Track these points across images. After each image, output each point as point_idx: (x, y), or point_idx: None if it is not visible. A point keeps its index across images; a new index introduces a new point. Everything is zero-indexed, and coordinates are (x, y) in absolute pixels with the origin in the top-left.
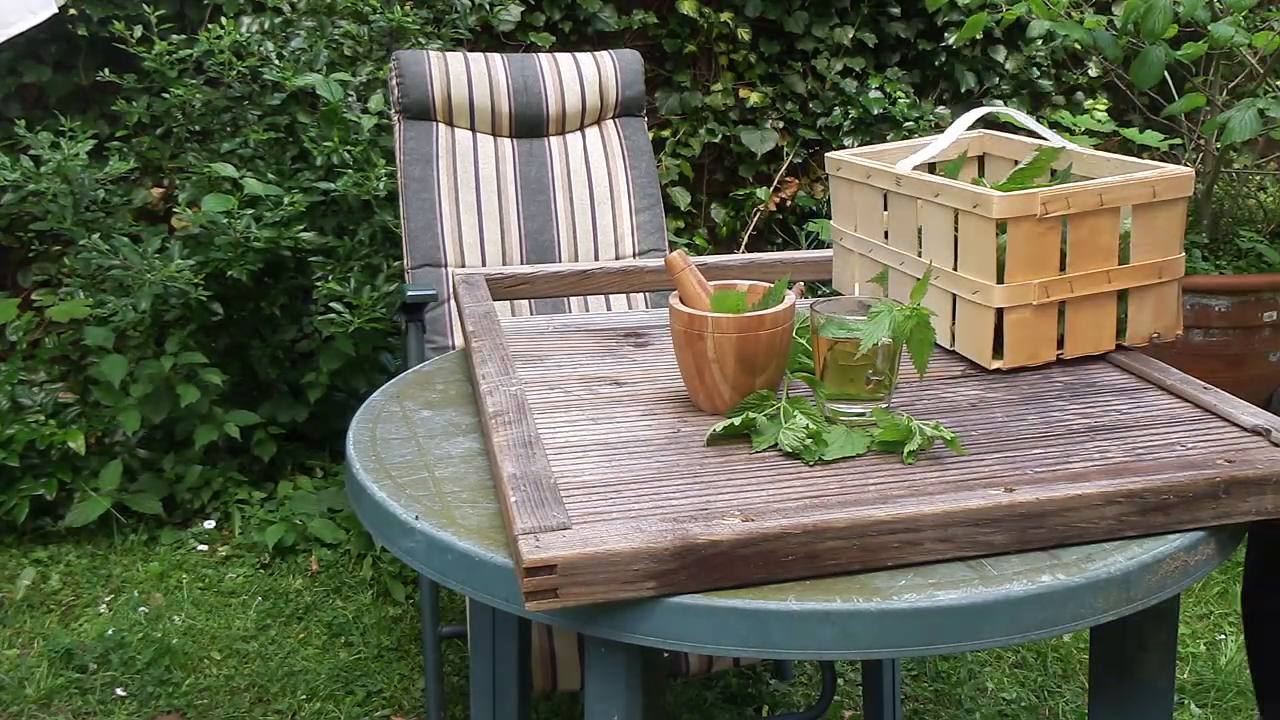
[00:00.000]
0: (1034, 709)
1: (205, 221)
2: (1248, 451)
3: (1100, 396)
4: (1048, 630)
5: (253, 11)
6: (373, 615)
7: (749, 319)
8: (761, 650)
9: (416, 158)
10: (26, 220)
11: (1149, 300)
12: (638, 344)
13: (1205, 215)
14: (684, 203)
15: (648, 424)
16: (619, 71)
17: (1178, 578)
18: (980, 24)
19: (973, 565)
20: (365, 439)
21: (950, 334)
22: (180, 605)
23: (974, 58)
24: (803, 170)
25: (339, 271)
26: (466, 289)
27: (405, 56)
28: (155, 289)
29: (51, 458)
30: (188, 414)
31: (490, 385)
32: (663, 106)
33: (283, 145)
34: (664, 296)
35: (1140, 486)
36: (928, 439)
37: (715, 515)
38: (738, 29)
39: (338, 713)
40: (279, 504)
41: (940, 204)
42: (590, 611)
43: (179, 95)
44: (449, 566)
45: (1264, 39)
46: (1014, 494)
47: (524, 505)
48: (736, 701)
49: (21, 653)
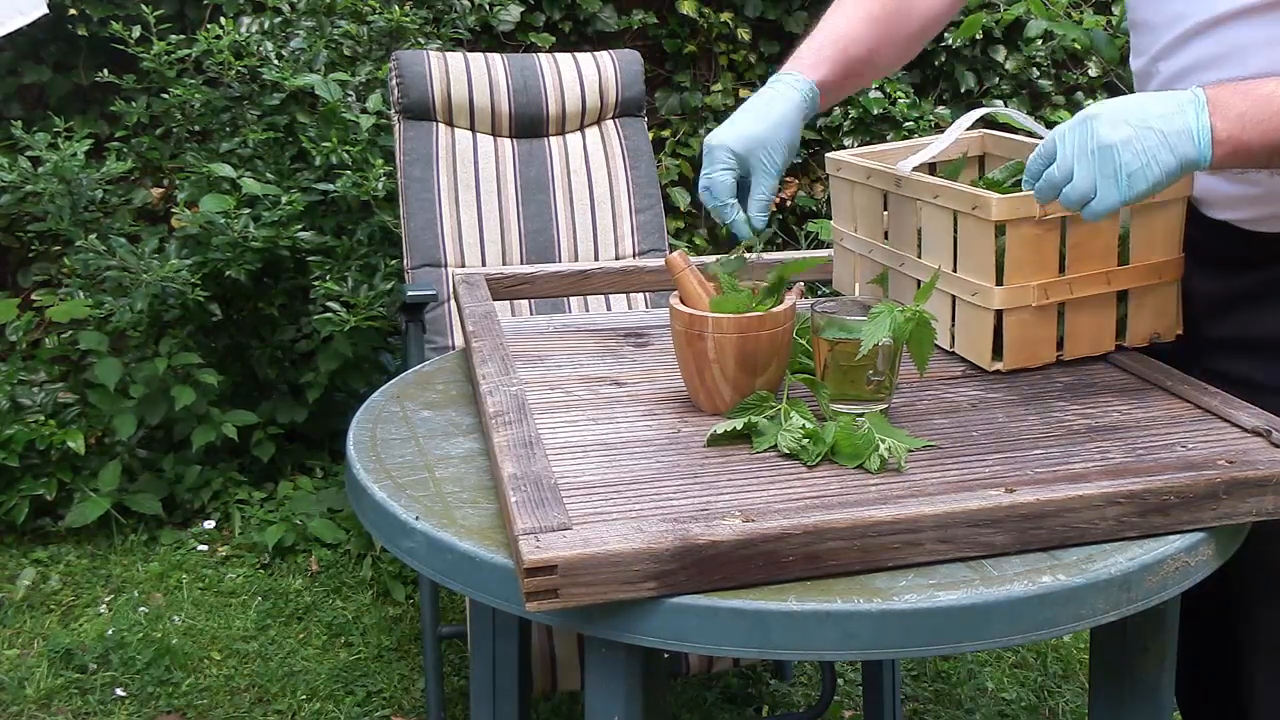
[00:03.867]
0: (1034, 709)
1: (203, 221)
2: (1248, 452)
3: (1100, 397)
4: (1048, 630)
5: (252, 11)
6: (373, 615)
7: (749, 319)
8: (761, 651)
9: (416, 158)
10: (26, 220)
11: (1149, 301)
12: (638, 344)
13: None
14: (684, 203)
15: (648, 424)
16: (619, 72)
17: (1178, 578)
18: (979, 24)
19: (973, 566)
20: (365, 439)
21: (949, 335)
22: (180, 605)
23: (974, 58)
24: (803, 170)
25: (337, 271)
26: (466, 289)
27: (405, 56)
28: (152, 289)
29: (51, 458)
30: (185, 415)
31: (490, 385)
32: (663, 106)
33: (281, 145)
34: (664, 296)
35: (1141, 487)
36: (883, 462)
37: (716, 516)
38: (738, 29)
39: (338, 713)
40: (279, 504)
41: (940, 205)
42: (590, 612)
43: (178, 95)
44: (449, 567)
45: None
46: (1014, 495)
47: (524, 505)
48: (736, 701)
49: (21, 653)
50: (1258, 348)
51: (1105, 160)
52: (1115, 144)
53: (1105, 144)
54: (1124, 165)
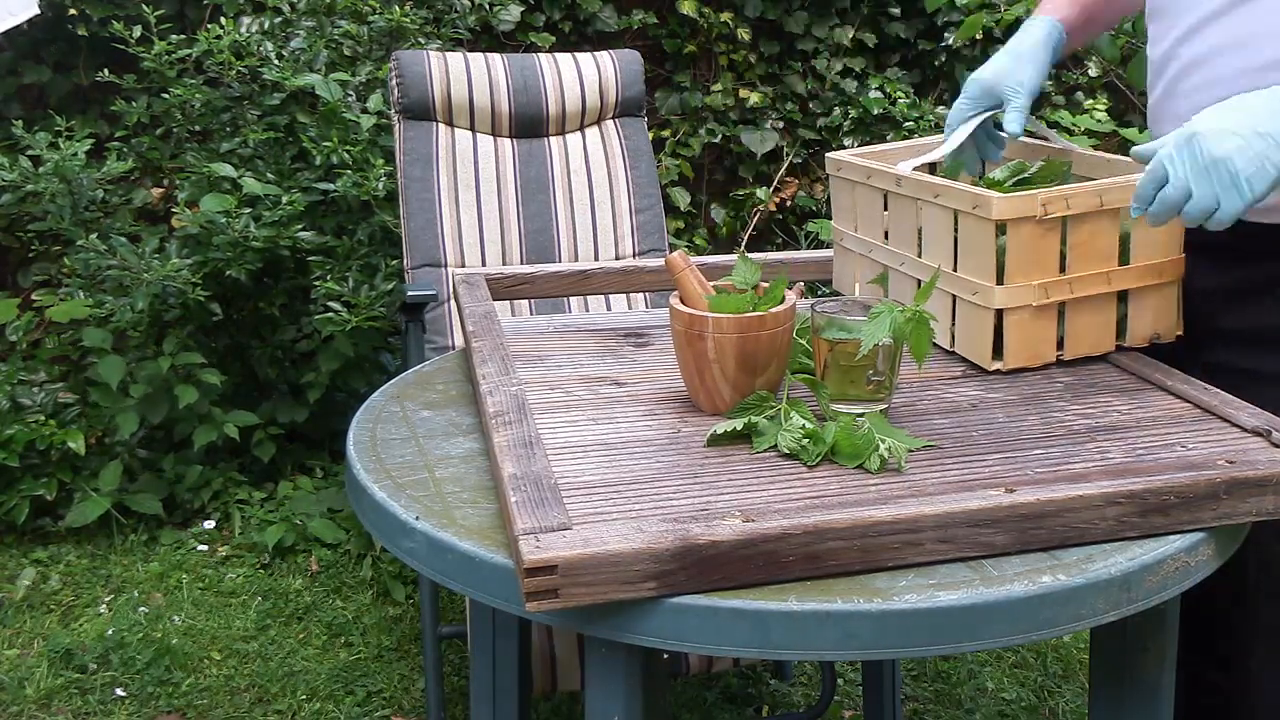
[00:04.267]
0: (1034, 709)
1: (204, 221)
2: (1248, 452)
3: (1101, 397)
4: (1048, 630)
5: (252, 11)
6: (373, 615)
7: (749, 319)
8: (761, 651)
9: (416, 158)
10: (26, 220)
11: (1149, 301)
12: (638, 344)
13: None
14: (684, 203)
15: (648, 424)
16: (619, 72)
17: (1178, 579)
18: (979, 24)
19: (973, 566)
20: (365, 439)
21: (950, 335)
22: (180, 605)
23: (974, 58)
24: (803, 170)
25: (338, 271)
26: (466, 289)
27: (405, 56)
28: (153, 289)
29: (51, 458)
30: (186, 415)
31: (490, 385)
32: (663, 106)
33: (282, 145)
34: (664, 296)
35: (1141, 487)
36: (883, 462)
37: (716, 516)
38: (738, 29)
39: (338, 713)
40: (279, 504)
41: (940, 205)
42: (590, 612)
43: (178, 95)
44: (449, 567)
45: None
46: (1014, 494)
47: (524, 505)
48: (736, 701)
49: (21, 653)
50: (1259, 340)
51: (1221, 173)
52: (1228, 156)
53: (1218, 158)
54: (1240, 173)
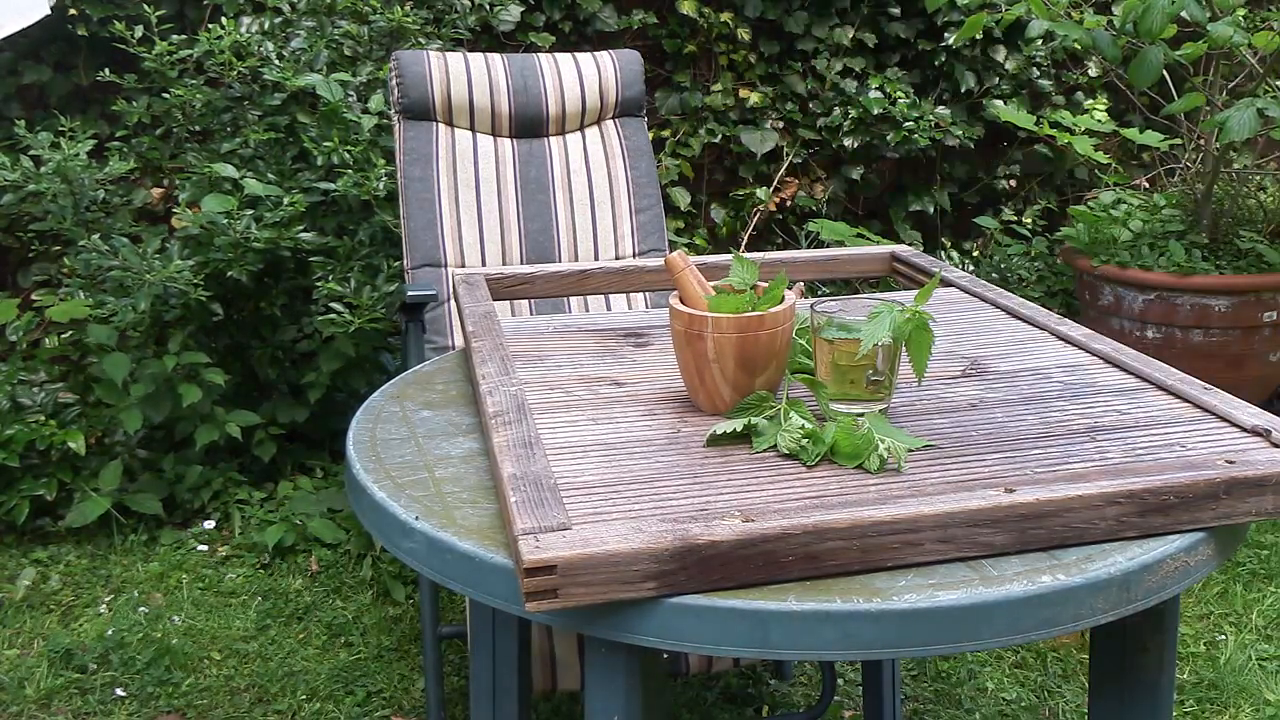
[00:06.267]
0: (1034, 709)
1: (205, 222)
2: (1248, 452)
3: (1100, 396)
4: (1048, 630)
5: (253, 11)
6: (373, 615)
7: (749, 319)
8: (761, 650)
9: (416, 158)
10: (26, 220)
11: None
12: (638, 344)
13: (1205, 215)
14: (684, 203)
15: (648, 424)
16: (619, 71)
17: (1178, 578)
18: (979, 24)
19: (973, 566)
20: (365, 439)
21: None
22: (180, 605)
23: (974, 58)
24: (803, 170)
25: (339, 272)
26: (466, 289)
27: (405, 56)
28: (154, 289)
29: (51, 458)
30: (188, 414)
31: (490, 385)
32: (663, 106)
33: (283, 145)
34: (664, 296)
35: (1140, 487)
36: (882, 462)
37: (715, 516)
38: (738, 29)
39: (338, 713)
40: (279, 504)
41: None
42: (590, 612)
43: (179, 95)
44: (449, 567)
45: (1264, 39)
46: (1014, 494)
47: (524, 505)
48: (736, 701)
49: (21, 653)
50: None
51: None
52: None
53: None
54: None
